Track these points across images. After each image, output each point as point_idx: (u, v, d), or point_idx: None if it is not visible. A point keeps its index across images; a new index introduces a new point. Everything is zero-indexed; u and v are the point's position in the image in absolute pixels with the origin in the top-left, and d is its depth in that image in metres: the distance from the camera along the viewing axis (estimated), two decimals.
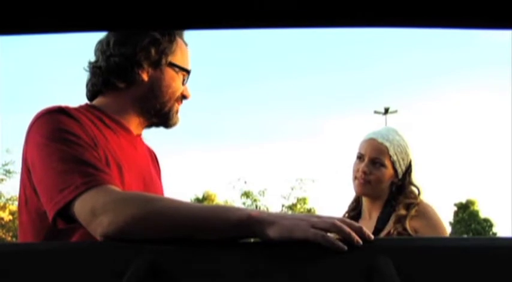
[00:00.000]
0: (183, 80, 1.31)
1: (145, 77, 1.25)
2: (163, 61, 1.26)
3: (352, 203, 2.08)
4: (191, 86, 1.35)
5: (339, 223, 0.83)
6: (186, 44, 1.34)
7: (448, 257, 0.81)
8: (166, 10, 0.52)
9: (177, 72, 1.29)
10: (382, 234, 1.87)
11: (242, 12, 0.53)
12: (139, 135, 1.34)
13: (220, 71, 32.17)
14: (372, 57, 35.66)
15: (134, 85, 1.25)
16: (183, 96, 1.32)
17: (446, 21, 0.54)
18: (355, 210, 2.05)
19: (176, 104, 1.30)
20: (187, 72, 1.31)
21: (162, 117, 1.30)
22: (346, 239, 0.82)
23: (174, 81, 1.28)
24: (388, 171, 1.95)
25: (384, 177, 1.94)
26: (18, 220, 1.19)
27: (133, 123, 1.29)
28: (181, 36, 1.32)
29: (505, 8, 0.51)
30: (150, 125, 1.33)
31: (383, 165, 1.94)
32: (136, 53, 1.23)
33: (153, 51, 1.24)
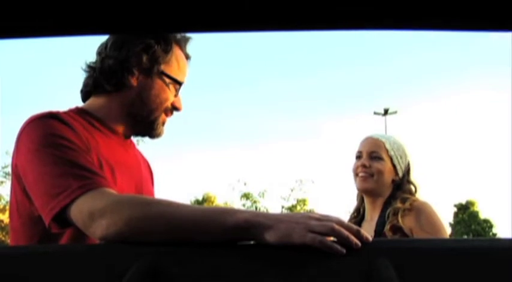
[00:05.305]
0: (176, 91, 1.29)
1: (134, 82, 1.24)
2: (155, 69, 1.25)
3: (354, 212, 2.11)
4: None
5: (337, 227, 0.83)
6: (187, 57, 1.33)
7: (447, 258, 0.80)
8: (165, 13, 0.52)
9: (168, 83, 1.27)
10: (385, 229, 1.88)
11: (241, 16, 0.53)
12: (129, 139, 1.33)
13: (220, 72, 32.20)
14: (371, 58, 35.72)
15: (123, 90, 1.25)
16: (174, 108, 1.31)
17: (446, 24, 0.54)
18: (357, 217, 2.07)
19: (163, 115, 1.29)
20: (179, 84, 1.29)
21: (147, 126, 1.28)
22: (344, 242, 0.82)
23: (164, 91, 1.27)
24: (387, 165, 1.98)
25: (384, 169, 1.97)
26: (10, 225, 1.18)
27: (122, 127, 1.28)
28: (182, 48, 1.31)
29: (504, 10, 0.51)
30: (135, 133, 1.32)
31: (381, 158, 1.98)
32: (128, 57, 1.23)
33: (144, 58, 1.23)
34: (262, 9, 0.52)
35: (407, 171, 2.00)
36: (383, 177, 1.97)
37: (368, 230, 1.90)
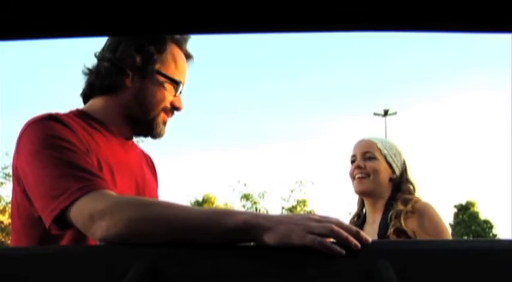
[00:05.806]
0: (175, 90, 1.28)
1: (129, 83, 1.24)
2: (150, 69, 1.24)
3: (354, 217, 2.11)
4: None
5: (336, 228, 0.83)
6: (188, 56, 1.32)
7: (447, 259, 0.80)
8: (166, 15, 0.52)
9: (165, 82, 1.26)
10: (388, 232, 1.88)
11: (241, 17, 0.53)
12: (130, 140, 1.33)
13: (219, 73, 32.20)
14: (371, 59, 35.73)
15: (119, 91, 1.25)
16: (175, 108, 1.30)
17: (446, 25, 0.54)
18: (358, 220, 2.07)
19: (163, 114, 1.28)
20: (177, 83, 1.28)
21: (146, 127, 1.28)
22: (343, 243, 0.82)
23: (160, 91, 1.26)
24: (382, 164, 1.98)
25: (379, 168, 1.97)
26: (12, 226, 1.19)
27: (122, 128, 1.28)
28: (181, 47, 1.31)
29: (504, 12, 0.51)
30: (136, 133, 1.32)
31: (375, 157, 1.99)
32: (122, 59, 1.23)
33: (138, 58, 1.23)
34: (263, 11, 0.52)
35: (404, 169, 2.00)
36: (379, 176, 1.97)
37: (370, 233, 1.90)
